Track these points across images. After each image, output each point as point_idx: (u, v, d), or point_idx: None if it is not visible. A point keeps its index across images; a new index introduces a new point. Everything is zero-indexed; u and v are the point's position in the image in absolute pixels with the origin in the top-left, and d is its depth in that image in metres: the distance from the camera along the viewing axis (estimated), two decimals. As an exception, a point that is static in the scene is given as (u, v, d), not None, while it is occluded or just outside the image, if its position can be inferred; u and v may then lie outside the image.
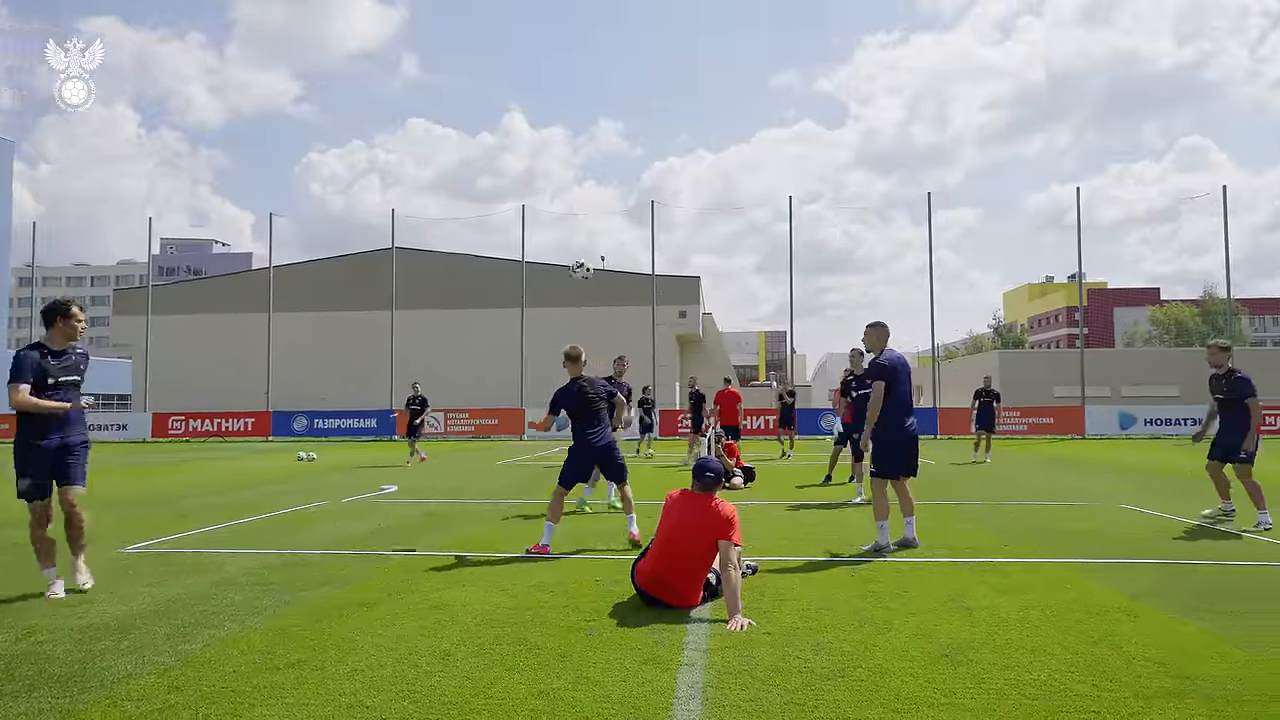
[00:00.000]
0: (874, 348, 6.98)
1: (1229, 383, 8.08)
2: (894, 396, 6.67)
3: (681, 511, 4.93)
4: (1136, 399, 35.07)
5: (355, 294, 39.39)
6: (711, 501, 4.91)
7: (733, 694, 3.38)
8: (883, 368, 6.73)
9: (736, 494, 10.89)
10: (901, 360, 6.83)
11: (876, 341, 6.96)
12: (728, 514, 4.81)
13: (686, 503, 4.97)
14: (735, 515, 4.84)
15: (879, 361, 6.81)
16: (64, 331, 5.32)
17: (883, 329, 7.01)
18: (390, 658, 3.88)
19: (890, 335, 7.00)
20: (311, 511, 9.51)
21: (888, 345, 6.94)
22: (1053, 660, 3.77)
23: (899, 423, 6.70)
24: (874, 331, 7.00)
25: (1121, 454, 19.18)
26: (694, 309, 40.93)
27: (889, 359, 6.78)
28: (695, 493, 5.00)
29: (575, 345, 7.44)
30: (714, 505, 4.87)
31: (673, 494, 5.13)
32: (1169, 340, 71.14)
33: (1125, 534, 7.42)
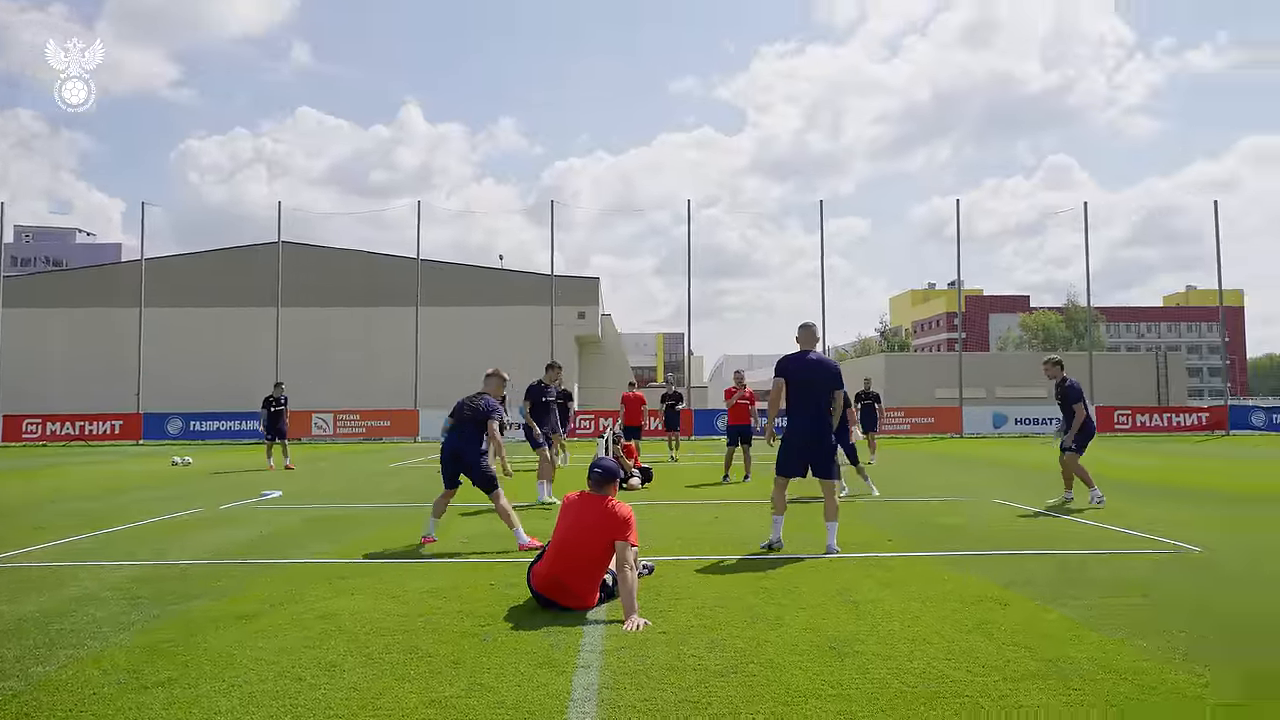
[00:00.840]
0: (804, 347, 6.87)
1: (1061, 390, 9.59)
2: (791, 395, 6.66)
3: (578, 513, 4.91)
4: (1009, 400, 37.32)
5: (237, 289, 37.46)
6: (608, 502, 4.91)
7: (628, 694, 3.39)
8: (779, 364, 6.76)
9: (634, 494, 10.96)
10: (806, 360, 6.70)
11: (803, 342, 6.85)
12: (624, 514, 4.83)
13: (583, 504, 4.96)
14: (632, 516, 4.86)
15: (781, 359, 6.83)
16: None
17: (804, 329, 6.86)
18: (271, 671, 3.70)
19: (815, 338, 6.86)
20: (186, 519, 8.99)
21: (814, 347, 6.82)
22: (931, 649, 3.96)
23: (793, 422, 6.69)
24: (800, 332, 6.88)
25: (995, 451, 20.38)
26: (593, 310, 40.92)
27: (789, 358, 6.76)
28: (591, 493, 4.99)
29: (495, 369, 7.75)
30: (610, 506, 4.88)
31: (570, 495, 5.11)
32: (1037, 345, 76.07)
33: (998, 527, 7.88)
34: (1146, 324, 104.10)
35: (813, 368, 6.68)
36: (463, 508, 9.24)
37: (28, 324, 35.36)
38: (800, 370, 6.69)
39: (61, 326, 37.42)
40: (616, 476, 5.09)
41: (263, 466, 16.38)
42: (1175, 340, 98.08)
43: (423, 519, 8.70)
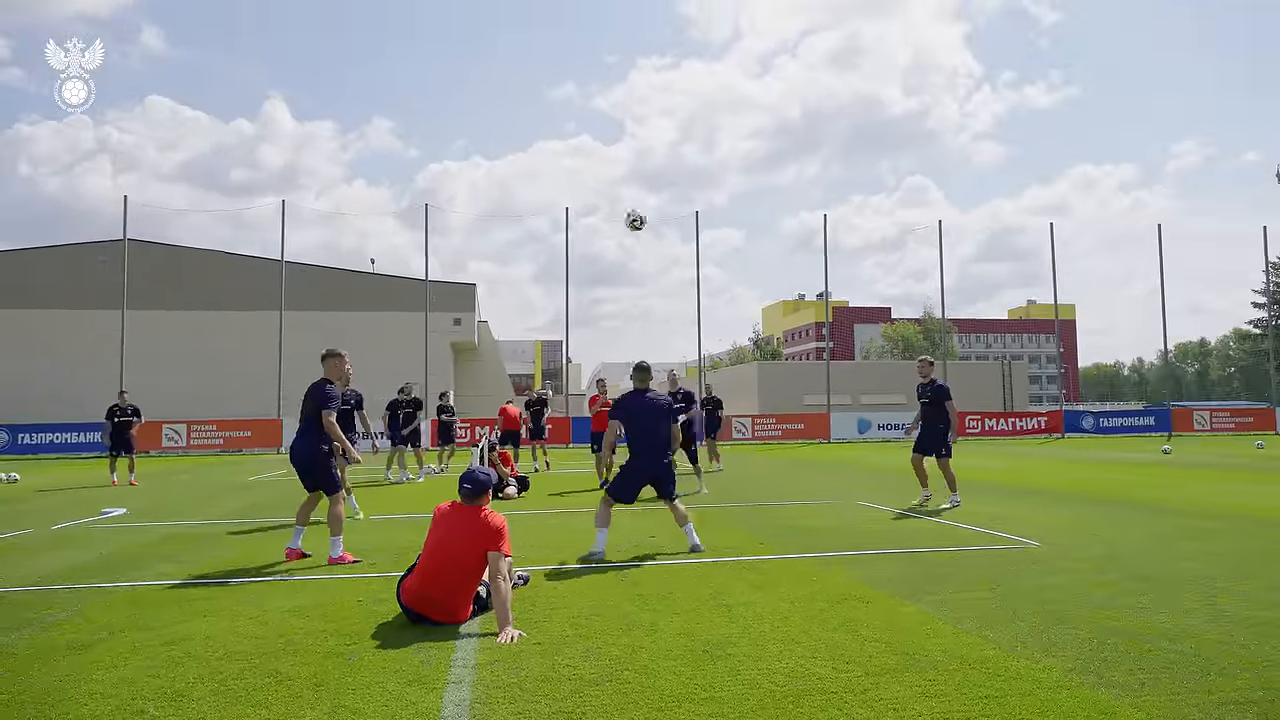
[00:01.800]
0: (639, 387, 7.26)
1: (933, 389, 10.02)
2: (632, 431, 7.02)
3: (450, 524, 4.78)
4: (872, 406, 39.33)
5: (76, 290, 34.49)
6: (480, 513, 4.80)
7: (501, 708, 3.32)
8: (615, 404, 7.24)
9: (510, 504, 10.81)
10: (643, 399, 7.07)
11: (638, 382, 7.26)
12: (497, 524, 4.73)
13: (455, 515, 4.83)
14: (505, 525, 4.78)
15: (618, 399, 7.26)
16: None
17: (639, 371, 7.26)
18: (108, 705, 3.41)
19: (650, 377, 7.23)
20: (12, 541, 8.16)
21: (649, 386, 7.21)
22: (799, 648, 4.10)
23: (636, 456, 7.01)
24: (635, 373, 7.29)
25: (860, 456, 21.40)
26: (469, 316, 40.19)
27: (627, 397, 7.16)
28: (463, 504, 4.87)
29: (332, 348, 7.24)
30: (483, 516, 4.77)
31: (441, 506, 4.96)
32: (897, 354, 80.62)
33: (862, 527, 8.26)
34: (993, 335, 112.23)
35: (649, 407, 7.06)
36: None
37: None
38: (639, 410, 7.05)
39: None
40: (489, 488, 4.95)
41: (105, 482, 15.10)
42: (1018, 350, 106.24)
43: (285, 534, 8.26)
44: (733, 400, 55.43)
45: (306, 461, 6.76)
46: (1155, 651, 3.97)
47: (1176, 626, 4.39)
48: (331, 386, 6.85)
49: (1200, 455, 19.99)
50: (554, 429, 29.58)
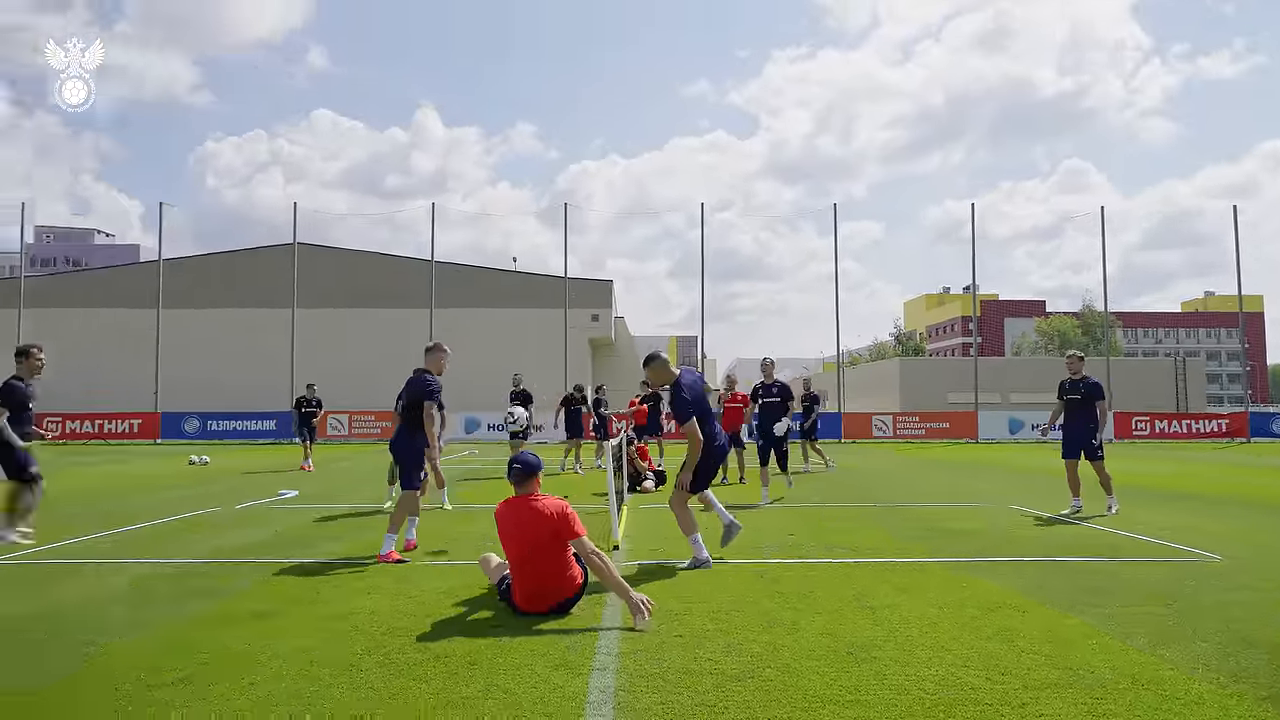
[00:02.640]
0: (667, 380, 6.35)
1: (1086, 385, 9.26)
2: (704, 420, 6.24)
3: (515, 521, 4.82)
4: (1024, 405, 37.09)
5: (253, 290, 37.72)
6: (535, 500, 4.80)
7: (644, 697, 3.38)
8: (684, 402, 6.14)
9: (647, 497, 10.95)
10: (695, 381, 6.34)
11: (668, 374, 6.36)
12: (558, 511, 4.72)
13: (514, 510, 4.85)
14: (566, 507, 4.78)
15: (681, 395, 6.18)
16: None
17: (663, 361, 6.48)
18: (289, 670, 3.72)
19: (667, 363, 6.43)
20: (203, 518, 9.05)
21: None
22: (949, 656, 3.93)
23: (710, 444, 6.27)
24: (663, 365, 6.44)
25: (1010, 457, 20.24)
26: (606, 313, 40.94)
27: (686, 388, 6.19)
28: (516, 497, 4.92)
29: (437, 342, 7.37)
30: (540, 504, 4.76)
31: (499, 508, 5.01)
32: (1053, 350, 75.57)
33: (1013, 532, 7.82)
34: (1164, 330, 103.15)
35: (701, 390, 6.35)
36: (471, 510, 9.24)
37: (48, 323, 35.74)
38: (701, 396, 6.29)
39: (81, 326, 37.80)
40: (538, 470, 4.98)
41: (281, 466, 16.49)
42: (1194, 346, 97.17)
43: (438, 518, 8.74)
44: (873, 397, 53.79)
45: (398, 453, 6.97)
46: (1366, 683, 3.54)
47: (1393, 657, 3.90)
48: (433, 378, 6.92)
49: None
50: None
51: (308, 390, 17.27)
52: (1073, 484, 9.34)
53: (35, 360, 7.48)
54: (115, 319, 37.44)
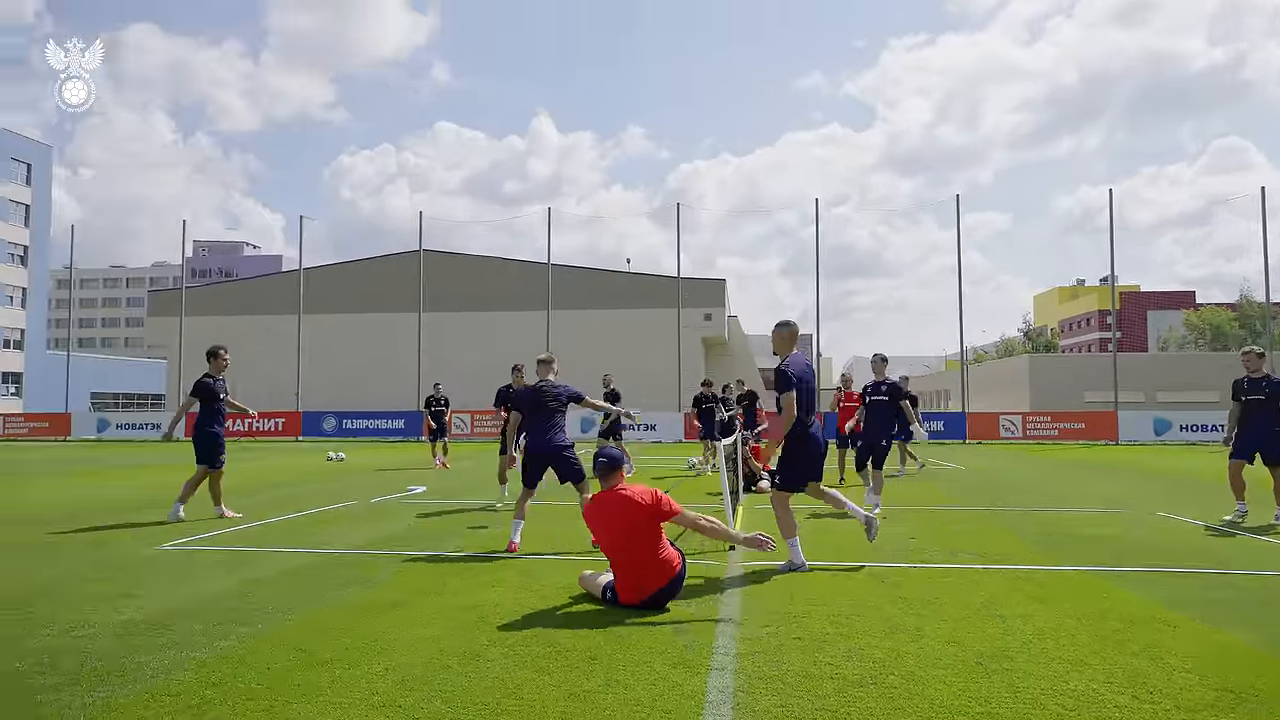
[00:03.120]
0: (784, 352, 6.20)
1: (1270, 385, 8.47)
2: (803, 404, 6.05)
3: (607, 516, 4.87)
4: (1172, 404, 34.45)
5: (383, 296, 39.79)
6: (621, 492, 4.83)
7: (764, 699, 3.36)
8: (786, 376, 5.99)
9: (764, 496, 10.85)
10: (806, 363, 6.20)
11: (790, 345, 6.21)
12: (648, 498, 4.77)
13: (604, 506, 4.91)
14: (655, 491, 4.85)
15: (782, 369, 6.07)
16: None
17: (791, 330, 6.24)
18: (421, 657, 3.91)
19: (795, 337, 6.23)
20: (341, 511, 9.62)
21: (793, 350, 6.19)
22: (1090, 670, 3.71)
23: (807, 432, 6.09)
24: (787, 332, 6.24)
25: (1157, 460, 18.84)
26: (719, 312, 40.82)
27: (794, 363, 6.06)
28: (603, 492, 4.96)
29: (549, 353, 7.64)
30: (628, 495, 4.80)
31: (587, 507, 5.04)
32: (1204, 344, 69.81)
33: (1161, 541, 7.29)
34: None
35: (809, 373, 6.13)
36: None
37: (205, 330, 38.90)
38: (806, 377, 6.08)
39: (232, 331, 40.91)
40: (621, 463, 5.09)
41: (412, 464, 17.27)
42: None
43: (558, 516, 8.96)
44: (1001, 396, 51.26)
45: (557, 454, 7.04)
46: None
47: None
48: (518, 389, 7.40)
49: None
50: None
51: (434, 389, 17.79)
52: (1237, 487, 8.56)
53: (222, 360, 8.93)
54: (262, 325, 40.35)
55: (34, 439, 32.30)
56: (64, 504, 10.36)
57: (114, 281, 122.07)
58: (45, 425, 33.27)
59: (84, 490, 12.26)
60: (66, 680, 3.60)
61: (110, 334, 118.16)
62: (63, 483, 13.59)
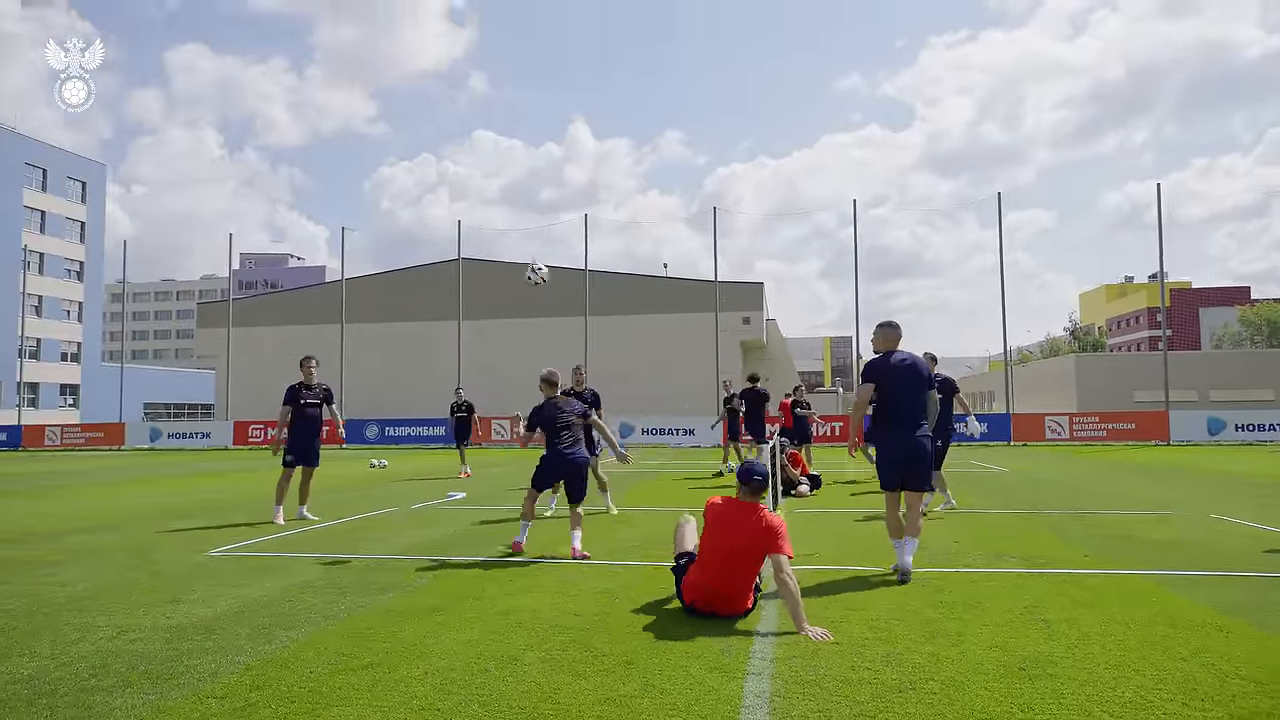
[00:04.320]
0: (880, 349, 6.24)
1: None
2: (887, 400, 6.05)
3: (729, 520, 4.81)
4: (1226, 403, 33.41)
5: (424, 304, 40.34)
6: (758, 510, 4.78)
7: (800, 704, 3.33)
8: (867, 368, 6.18)
9: (803, 501, 10.76)
10: (896, 361, 6.07)
11: (882, 343, 6.23)
12: (775, 524, 4.69)
13: (733, 511, 4.85)
14: (783, 524, 4.73)
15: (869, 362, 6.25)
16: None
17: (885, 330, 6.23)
18: (460, 662, 3.95)
19: (899, 336, 6.19)
20: (383, 517, 9.76)
21: (897, 346, 6.16)
22: (1139, 677, 3.62)
23: (890, 430, 6.03)
24: (879, 332, 6.29)
25: (1210, 461, 18.28)
26: (757, 315, 40.63)
27: (877, 360, 6.15)
28: (740, 499, 4.90)
29: (551, 370, 7.65)
30: (758, 514, 4.75)
31: (714, 501, 4.99)
32: (1261, 341, 67.57)
33: (1214, 545, 7.07)
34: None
35: (901, 370, 6.02)
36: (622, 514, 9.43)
37: (252, 340, 39.85)
38: (890, 373, 6.03)
39: (278, 341, 41.81)
40: (767, 483, 4.99)
41: (451, 472, 17.25)
42: None
43: (594, 523, 8.98)
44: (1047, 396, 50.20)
45: (575, 469, 7.22)
46: None
47: None
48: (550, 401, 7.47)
49: None
50: (844, 426, 28.97)
51: (457, 395, 17.21)
52: None
53: (308, 370, 9.58)
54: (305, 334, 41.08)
55: (90, 448, 33.35)
56: (115, 512, 10.67)
57: (165, 295, 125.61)
58: (100, 435, 34.30)
59: (136, 498, 12.62)
60: (118, 683, 3.71)
61: (161, 345, 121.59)
62: (116, 491, 14.01)
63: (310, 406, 9.47)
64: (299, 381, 9.49)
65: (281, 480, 9.36)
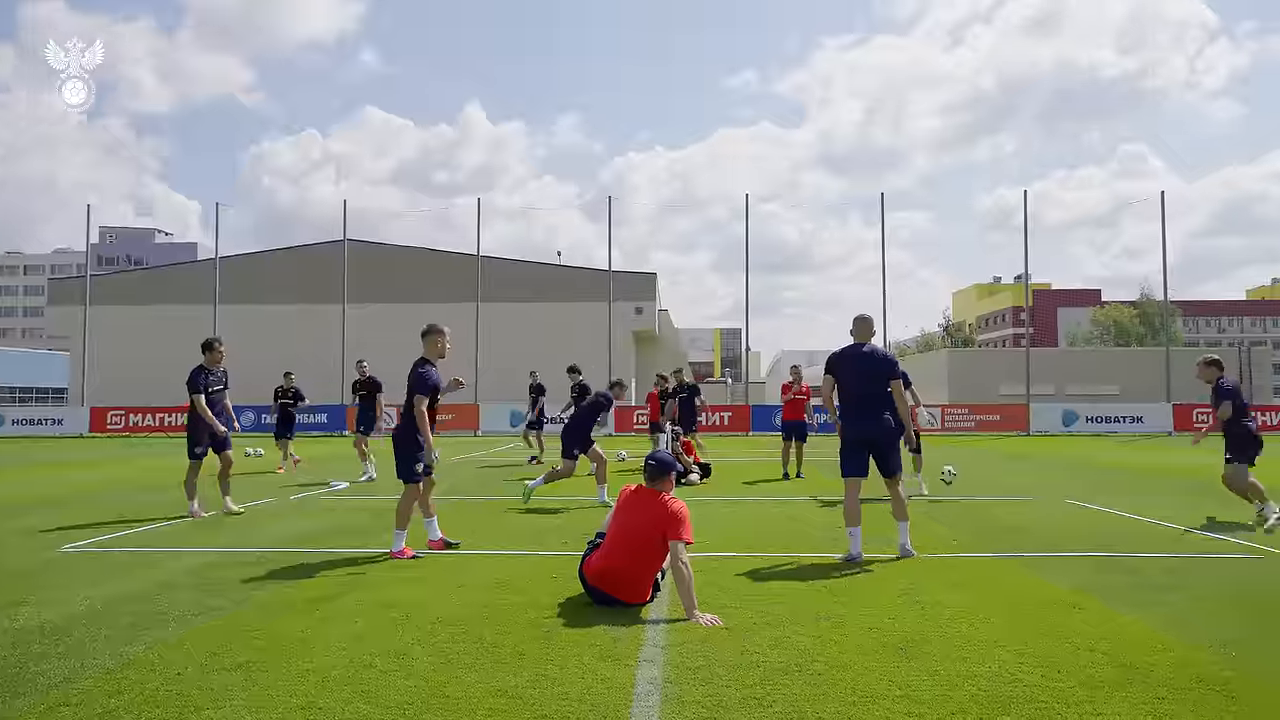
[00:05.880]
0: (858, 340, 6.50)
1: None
2: (843, 391, 6.36)
3: (634, 506, 4.89)
4: (1079, 397, 36.11)
5: (307, 287, 38.55)
6: (661, 498, 4.86)
7: (691, 690, 3.38)
8: (827, 360, 6.46)
9: (693, 490, 10.93)
10: (855, 351, 6.37)
11: (855, 336, 6.50)
12: (677, 510, 4.76)
13: (638, 497, 4.94)
14: (685, 511, 4.80)
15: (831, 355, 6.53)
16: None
17: (856, 322, 6.52)
18: (344, 658, 3.80)
19: (867, 330, 6.45)
20: (260, 508, 9.29)
21: (869, 339, 6.44)
22: (1003, 652, 3.85)
23: (846, 419, 6.38)
24: (853, 324, 6.54)
25: (1066, 450, 19.74)
26: (650, 305, 40.93)
27: (835, 353, 6.47)
28: (646, 487, 4.98)
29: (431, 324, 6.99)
30: (663, 501, 4.82)
31: (627, 488, 5.09)
32: (1109, 340, 73.39)
33: (1069, 528, 7.63)
34: (1228, 318, 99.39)
35: (857, 359, 6.35)
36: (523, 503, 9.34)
37: (113, 320, 37.08)
38: (847, 364, 6.36)
39: (143, 322, 39.06)
40: (671, 470, 5.03)
41: (340, 456, 16.63)
42: (1260, 335, 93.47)
43: (482, 513, 8.84)
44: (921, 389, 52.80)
45: (395, 445, 6.56)
46: None
47: None
48: (427, 369, 6.58)
49: None
50: (734, 416, 29.68)
51: (285, 379, 15.40)
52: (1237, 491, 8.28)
53: (217, 353, 8.84)
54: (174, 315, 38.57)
55: (-79, 436, 30.24)
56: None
57: (11, 269, 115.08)
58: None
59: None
60: (-47, 692, 3.37)
61: (6, 324, 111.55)
62: (-47, 482, 12.75)
63: (217, 392, 8.85)
64: (201, 365, 8.70)
65: (190, 474, 8.71)
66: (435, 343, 6.79)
